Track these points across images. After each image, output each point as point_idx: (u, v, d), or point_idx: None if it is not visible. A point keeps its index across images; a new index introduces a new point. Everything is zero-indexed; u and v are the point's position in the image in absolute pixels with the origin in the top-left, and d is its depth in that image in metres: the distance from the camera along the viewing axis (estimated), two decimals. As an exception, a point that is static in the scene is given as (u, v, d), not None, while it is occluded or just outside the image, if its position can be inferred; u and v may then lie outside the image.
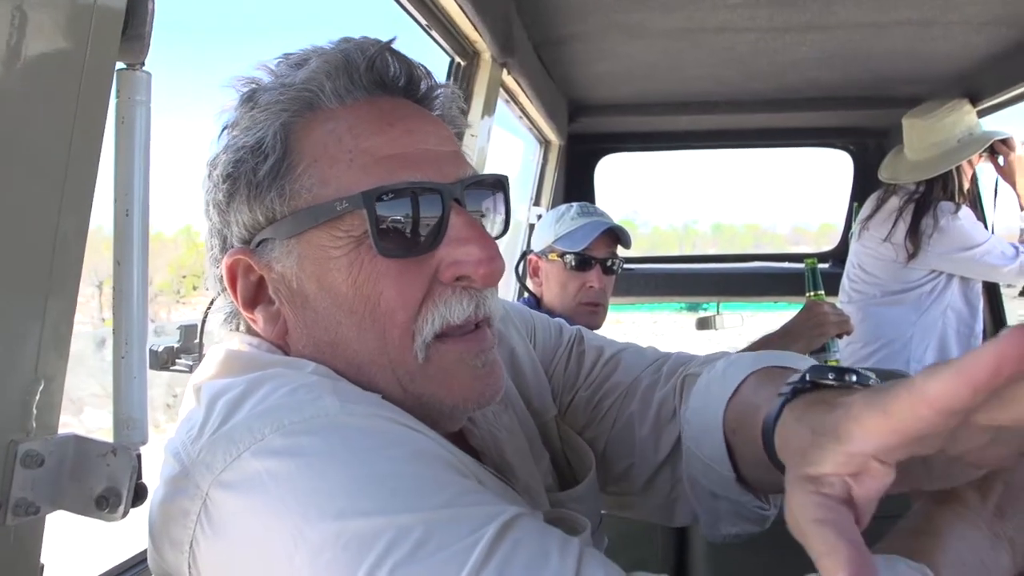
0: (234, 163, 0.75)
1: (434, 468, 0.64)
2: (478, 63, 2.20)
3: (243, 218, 0.76)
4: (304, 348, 0.77)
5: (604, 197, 4.03)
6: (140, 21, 0.80)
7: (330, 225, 0.73)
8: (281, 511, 0.59)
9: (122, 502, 0.81)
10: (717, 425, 0.85)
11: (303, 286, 0.75)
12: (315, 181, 0.74)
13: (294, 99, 0.75)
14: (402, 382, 0.75)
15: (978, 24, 2.36)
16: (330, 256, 0.74)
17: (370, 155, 0.74)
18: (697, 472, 0.90)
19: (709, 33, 2.46)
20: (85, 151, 0.76)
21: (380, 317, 0.74)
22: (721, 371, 0.88)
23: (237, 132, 0.76)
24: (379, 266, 0.73)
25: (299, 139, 0.74)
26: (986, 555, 0.69)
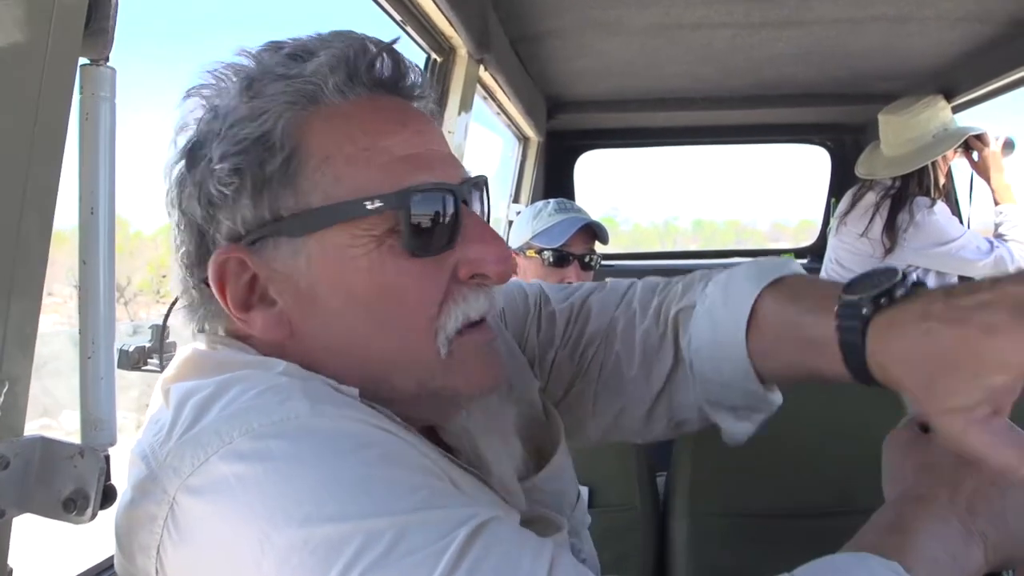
0: (237, 155, 0.71)
1: (405, 471, 0.63)
2: (454, 59, 2.19)
3: (242, 214, 0.72)
4: (312, 350, 0.75)
5: (584, 194, 4.04)
6: (103, 15, 0.79)
7: (351, 224, 0.71)
8: (248, 516, 0.58)
9: (90, 504, 0.79)
10: (740, 349, 0.85)
11: (313, 286, 0.73)
12: (329, 178, 0.72)
13: (299, 91, 0.73)
14: (420, 378, 0.75)
15: (952, 20, 2.38)
16: (348, 255, 0.72)
17: (388, 154, 0.73)
18: (717, 395, 0.91)
19: (686, 29, 2.46)
20: (48, 148, 0.74)
21: (403, 316, 0.73)
22: (722, 297, 0.89)
23: (233, 122, 0.72)
24: (403, 265, 0.73)
25: (309, 134, 0.72)
26: (958, 550, 0.69)
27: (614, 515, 2.06)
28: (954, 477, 0.73)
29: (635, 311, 1.00)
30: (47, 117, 0.74)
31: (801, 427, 2.00)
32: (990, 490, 0.73)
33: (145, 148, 0.91)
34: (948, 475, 0.74)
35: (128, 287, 12.52)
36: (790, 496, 1.98)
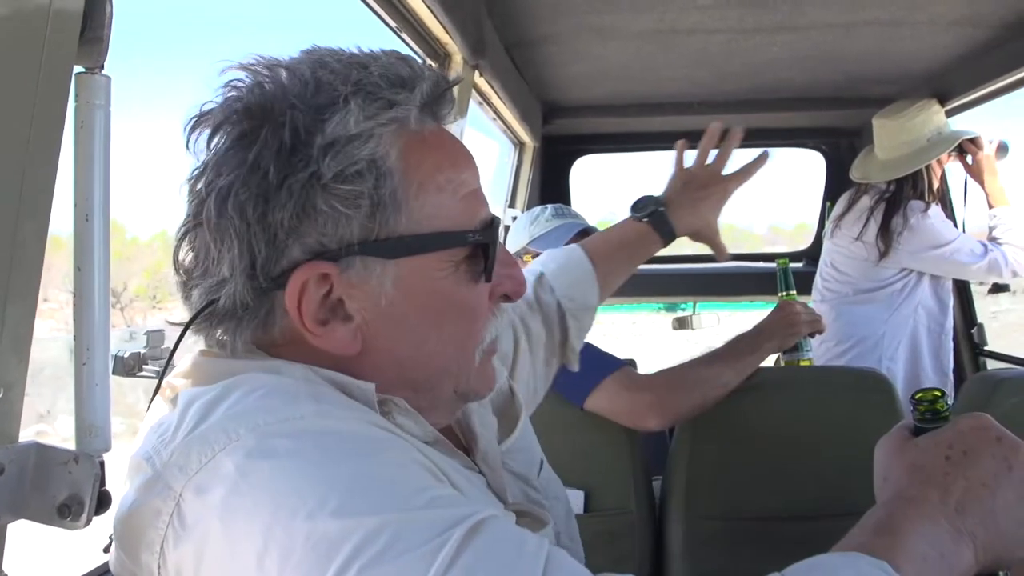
0: (355, 175, 0.71)
1: (406, 471, 0.65)
2: (449, 65, 2.19)
3: (344, 233, 0.72)
4: (381, 363, 0.77)
5: (580, 199, 4.04)
6: (98, 24, 0.79)
7: (446, 251, 0.77)
8: (253, 512, 0.60)
9: (85, 510, 0.80)
10: (592, 279, 1.39)
11: (394, 304, 0.75)
12: (427, 206, 0.75)
13: (400, 118, 0.74)
14: (458, 383, 0.82)
15: (945, 24, 2.39)
16: (433, 278, 0.77)
17: (466, 187, 0.79)
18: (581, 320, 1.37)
19: (681, 35, 2.46)
20: (43, 156, 0.75)
21: (466, 332, 0.81)
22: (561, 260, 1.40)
23: (346, 140, 0.71)
24: (472, 288, 0.80)
25: (411, 162, 0.75)
26: (947, 550, 0.70)
27: (610, 519, 2.06)
28: (944, 479, 0.74)
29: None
30: (42, 124, 0.74)
31: (795, 431, 2.00)
32: (980, 490, 0.73)
33: (141, 155, 0.92)
34: (938, 477, 0.75)
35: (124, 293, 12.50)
36: (785, 499, 1.98)
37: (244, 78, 0.75)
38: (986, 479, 0.74)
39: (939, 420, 0.80)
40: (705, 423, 1.98)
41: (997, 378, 1.91)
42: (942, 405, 0.81)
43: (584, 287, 1.37)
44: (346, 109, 0.71)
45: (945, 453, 0.76)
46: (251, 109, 0.72)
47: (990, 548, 0.73)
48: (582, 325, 1.38)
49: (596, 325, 1.53)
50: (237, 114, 0.73)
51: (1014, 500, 0.74)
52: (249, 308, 0.74)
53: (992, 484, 0.74)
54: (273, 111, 0.71)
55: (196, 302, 0.76)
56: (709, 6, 2.22)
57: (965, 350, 3.42)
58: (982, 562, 0.73)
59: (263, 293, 0.73)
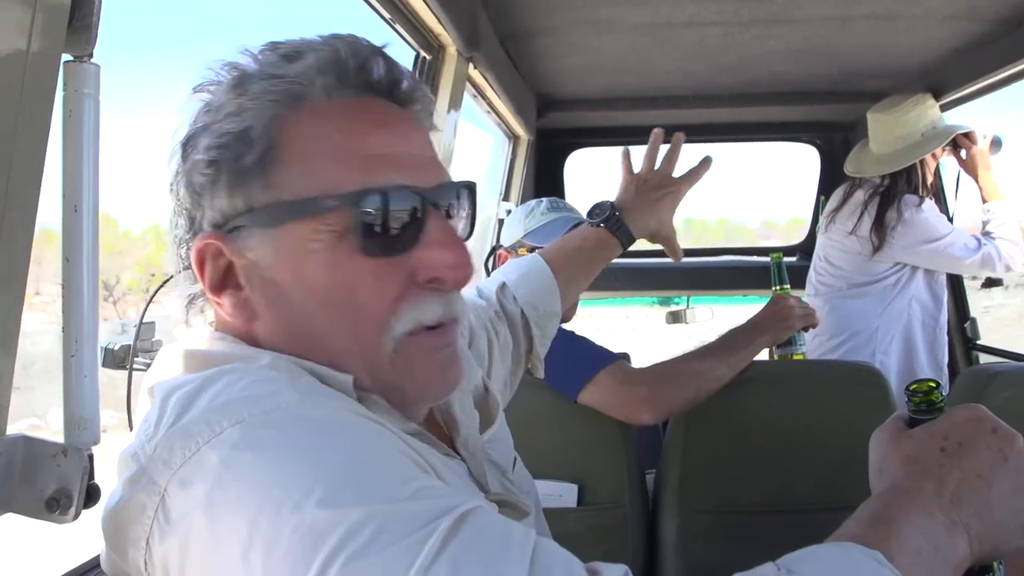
0: (217, 148, 0.74)
1: (392, 462, 0.65)
2: (443, 57, 2.18)
3: (220, 203, 0.75)
4: (274, 336, 0.77)
5: (575, 192, 4.03)
6: (87, 11, 0.78)
7: (313, 219, 0.74)
8: (238, 505, 0.59)
9: (73, 503, 0.79)
10: (554, 286, 1.37)
11: (277, 276, 0.75)
12: (301, 174, 0.74)
13: (285, 91, 0.75)
14: (372, 373, 0.77)
15: (940, 18, 2.38)
16: (309, 249, 0.74)
17: (357, 154, 0.75)
18: (544, 328, 1.36)
19: (676, 27, 2.46)
20: (31, 145, 0.74)
21: (355, 312, 0.75)
22: (523, 270, 1.38)
23: (221, 116, 0.75)
24: (358, 263, 0.74)
25: (287, 131, 0.75)
26: (941, 541, 0.70)
27: (603, 513, 2.06)
28: (940, 470, 0.74)
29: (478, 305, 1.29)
30: (30, 113, 0.74)
31: (789, 425, 2.00)
32: (976, 481, 0.73)
33: (135, 148, 0.91)
34: (934, 468, 0.74)
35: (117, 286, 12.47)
36: (779, 492, 1.98)
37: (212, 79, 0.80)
38: (981, 470, 0.74)
39: (934, 411, 0.80)
40: (699, 417, 1.98)
41: (990, 372, 1.91)
42: (937, 396, 0.81)
43: (546, 295, 1.36)
44: (225, 89, 0.76)
45: (940, 444, 0.76)
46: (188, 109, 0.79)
47: (985, 539, 0.72)
48: (546, 333, 1.38)
49: (589, 319, 1.55)
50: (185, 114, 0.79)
51: (1009, 491, 0.74)
52: (191, 282, 0.80)
53: (988, 475, 0.74)
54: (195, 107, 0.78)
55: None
56: (704, -1, 2.22)
57: (958, 344, 3.43)
58: (977, 553, 0.72)
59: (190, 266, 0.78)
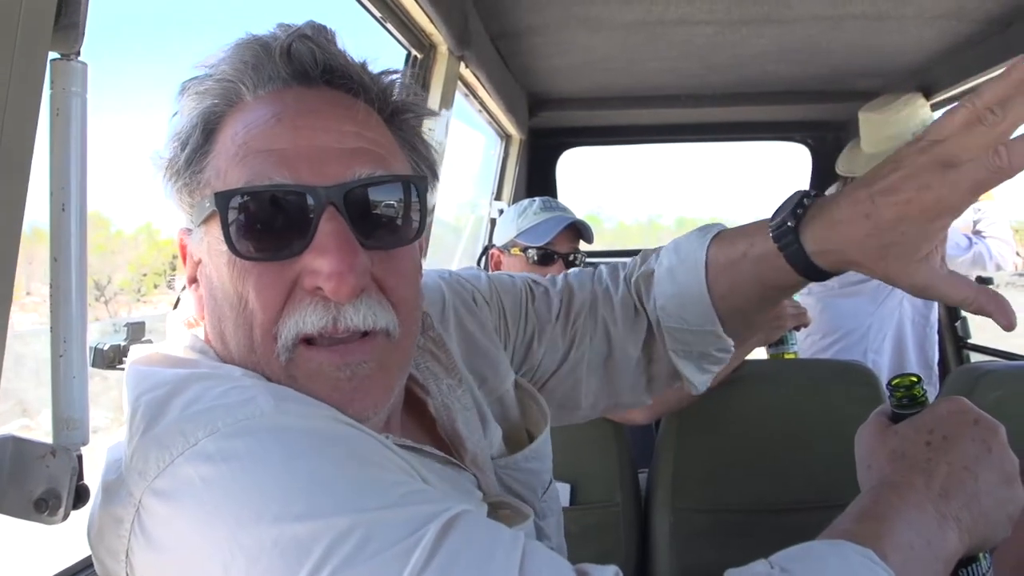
0: (171, 148, 0.77)
1: (374, 467, 0.63)
2: (435, 56, 2.18)
3: (180, 201, 0.78)
4: (211, 332, 0.79)
5: (567, 192, 4.04)
6: (73, 9, 0.78)
7: (215, 219, 0.72)
8: (216, 518, 0.58)
9: (62, 504, 0.79)
10: (703, 296, 0.97)
11: (209, 274, 0.76)
12: (214, 173, 0.74)
13: (215, 88, 0.75)
14: (281, 382, 0.72)
15: (930, 18, 2.39)
16: (219, 250, 0.73)
17: (250, 150, 0.72)
18: (688, 343, 1.03)
19: (668, 26, 2.46)
20: (17, 144, 0.73)
21: (246, 316, 0.72)
22: (677, 259, 1.01)
23: (174, 118, 0.78)
24: (245, 266, 0.71)
25: (217, 130, 0.75)
26: (933, 535, 0.71)
27: (596, 512, 2.06)
28: (927, 464, 0.75)
29: (607, 284, 1.10)
30: (16, 112, 0.73)
31: (781, 424, 2.01)
32: (963, 474, 0.74)
33: (127, 147, 0.92)
34: (921, 462, 0.75)
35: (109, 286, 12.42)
36: (770, 491, 1.98)
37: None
38: (967, 462, 0.75)
39: (916, 405, 0.81)
40: (691, 416, 1.98)
41: (980, 371, 1.92)
42: (919, 391, 0.82)
43: (687, 302, 0.99)
44: (176, 95, 0.78)
45: (926, 439, 0.77)
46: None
47: (974, 531, 0.73)
48: (693, 349, 1.03)
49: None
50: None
51: (995, 481, 0.75)
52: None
53: (974, 467, 0.74)
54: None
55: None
56: (696, -2, 2.22)
57: (949, 343, 3.44)
58: (967, 545, 0.73)
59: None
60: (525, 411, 1.03)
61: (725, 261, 0.96)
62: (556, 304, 1.08)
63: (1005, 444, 0.77)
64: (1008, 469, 0.76)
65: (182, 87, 0.78)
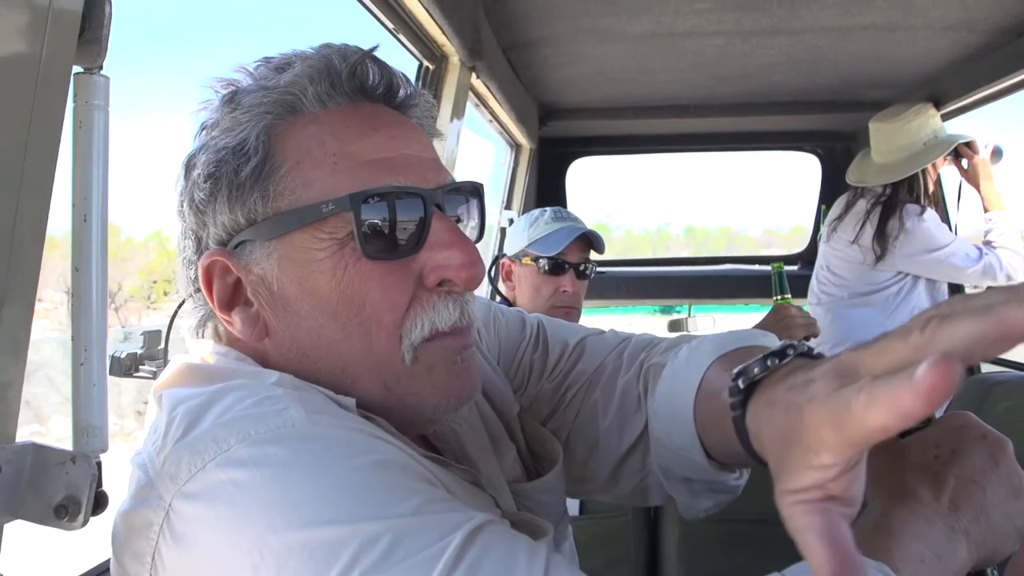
0: (215, 163, 0.74)
1: (401, 476, 0.64)
2: (446, 67, 2.19)
3: (223, 219, 0.75)
4: (286, 351, 0.77)
5: (576, 201, 4.04)
6: (97, 24, 0.79)
7: (314, 227, 0.73)
8: (245, 522, 0.59)
9: (81, 511, 0.79)
10: (688, 417, 0.83)
11: (284, 288, 0.75)
12: (298, 183, 0.74)
13: (276, 102, 0.75)
14: (387, 383, 0.76)
15: (941, 29, 2.40)
16: (313, 258, 0.74)
17: (354, 159, 0.74)
18: (668, 461, 0.90)
19: (678, 37, 2.47)
20: (41, 156, 0.75)
21: (366, 320, 0.74)
22: (684, 360, 0.87)
23: (217, 132, 0.75)
24: (363, 268, 0.73)
25: (282, 141, 0.75)
26: (943, 549, 0.71)
27: (606, 521, 2.06)
28: (935, 477, 0.75)
29: (623, 362, 0.99)
30: (41, 125, 0.74)
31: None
32: (971, 486, 0.74)
33: (136, 155, 0.92)
34: (929, 476, 0.75)
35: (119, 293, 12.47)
36: (781, 502, 1.98)
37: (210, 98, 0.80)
38: (976, 475, 0.74)
39: (923, 421, 0.81)
40: (701, 425, 1.98)
41: (990, 382, 1.92)
42: None
43: (670, 416, 0.87)
44: (219, 105, 0.77)
45: (933, 453, 0.77)
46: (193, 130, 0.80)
47: (983, 544, 0.73)
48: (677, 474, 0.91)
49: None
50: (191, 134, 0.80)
51: (1004, 495, 0.75)
52: (203, 301, 0.80)
53: (982, 480, 0.74)
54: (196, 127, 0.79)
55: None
56: (706, 9, 2.23)
57: (960, 354, 3.43)
58: (975, 559, 0.73)
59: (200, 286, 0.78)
60: (536, 439, 1.00)
61: (714, 387, 0.81)
62: (556, 361, 1.03)
63: (1013, 458, 0.77)
64: (1016, 483, 0.76)
65: (230, 99, 0.76)
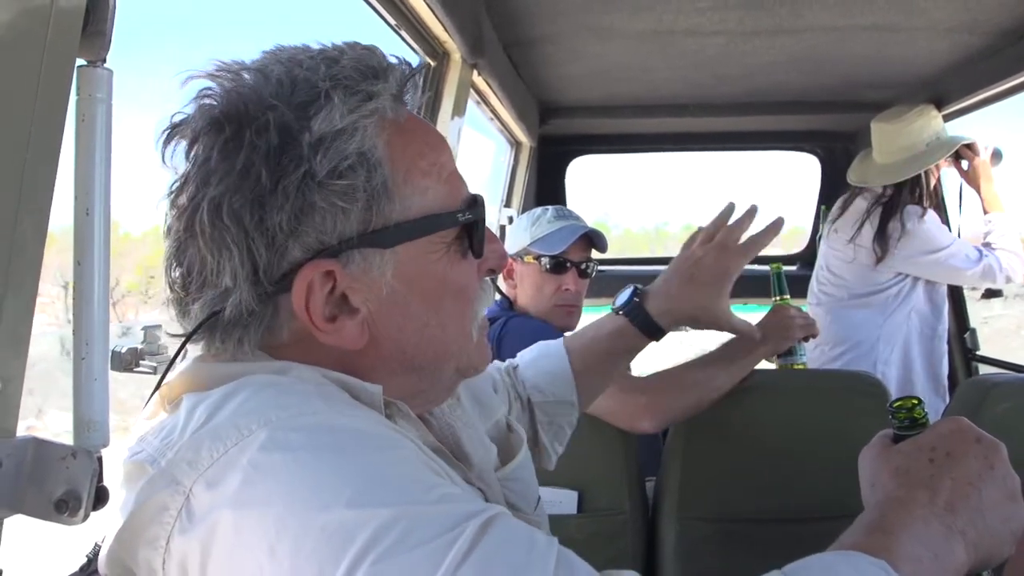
0: (348, 170, 0.72)
1: (416, 467, 0.66)
2: (448, 64, 2.19)
3: (344, 228, 0.73)
4: (386, 351, 0.79)
5: (575, 199, 4.04)
6: (101, 17, 0.79)
7: (433, 234, 0.78)
8: (266, 502, 0.60)
9: (82, 506, 0.80)
10: (567, 372, 1.28)
11: (395, 291, 0.77)
12: (415, 192, 0.77)
13: (377, 108, 0.75)
14: (460, 362, 0.85)
15: (942, 30, 2.40)
16: (429, 261, 0.79)
17: (447, 169, 0.81)
18: (549, 414, 1.28)
19: (679, 36, 2.47)
20: (44, 149, 0.75)
21: (463, 309, 0.83)
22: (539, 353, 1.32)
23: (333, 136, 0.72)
24: (463, 266, 0.81)
25: (390, 149, 0.76)
26: (940, 548, 0.72)
27: (603, 520, 2.06)
28: (931, 480, 0.77)
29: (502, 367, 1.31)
30: (44, 118, 0.74)
31: (789, 434, 2.01)
32: (967, 489, 0.76)
33: (134, 150, 0.91)
34: (925, 478, 0.77)
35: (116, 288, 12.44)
36: (777, 501, 1.98)
37: (213, 86, 0.75)
38: (971, 478, 0.76)
39: (917, 427, 0.84)
40: (699, 425, 1.98)
41: (989, 383, 1.92)
42: (919, 412, 0.84)
43: (555, 379, 1.28)
44: (329, 105, 0.72)
45: (929, 456, 0.79)
46: (230, 114, 0.72)
47: (980, 546, 0.74)
48: (554, 421, 1.29)
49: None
50: (216, 121, 0.72)
51: (999, 498, 0.77)
52: (255, 314, 0.74)
53: (977, 483, 0.76)
54: (252, 114, 0.71)
55: (197, 315, 0.75)
56: (707, 8, 2.22)
57: (958, 355, 3.44)
58: (973, 561, 0.74)
59: (268, 298, 0.73)
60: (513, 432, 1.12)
61: (579, 347, 1.31)
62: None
63: (1007, 461, 0.79)
64: (1011, 486, 0.78)
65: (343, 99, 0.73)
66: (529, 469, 1.08)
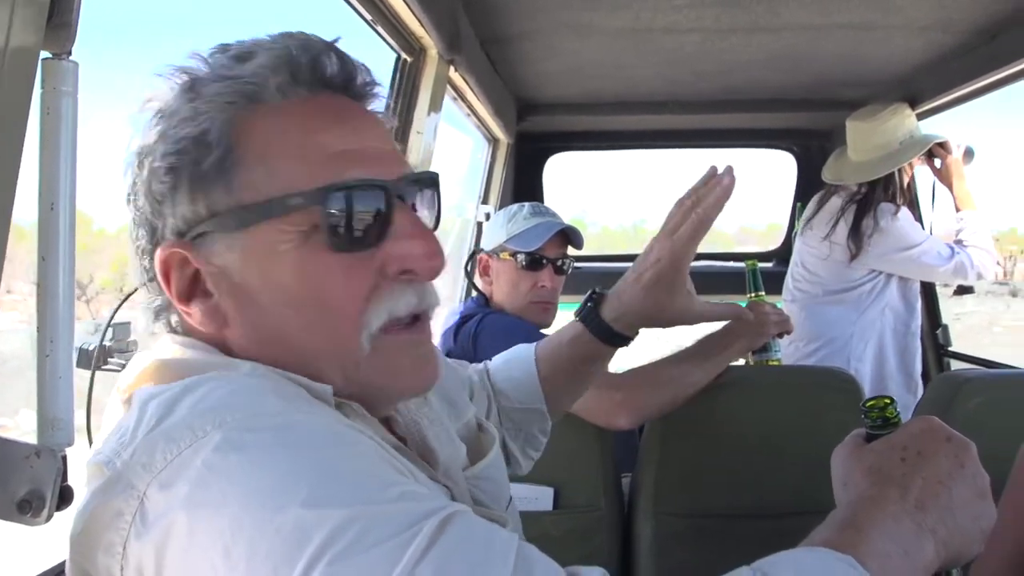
0: (175, 154, 0.73)
1: (375, 465, 0.65)
2: (424, 60, 2.18)
3: (182, 211, 0.74)
4: (247, 342, 0.77)
5: (553, 196, 4.04)
6: (66, 8, 0.78)
7: (279, 220, 0.73)
8: (221, 504, 0.59)
9: (46, 506, 0.78)
10: (533, 379, 1.25)
11: (246, 280, 0.74)
12: (262, 175, 0.73)
13: (239, 92, 0.74)
14: (347, 372, 0.76)
15: (917, 29, 2.41)
16: (277, 251, 0.73)
17: (320, 151, 0.74)
18: (516, 421, 1.25)
19: (656, 33, 2.47)
20: (7, 143, 0.73)
21: (328, 311, 0.75)
22: (511, 357, 1.30)
23: (176, 122, 0.74)
24: (327, 260, 0.74)
25: (245, 132, 0.74)
26: (910, 545, 0.73)
27: (579, 516, 2.06)
28: (903, 478, 0.77)
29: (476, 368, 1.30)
30: (7, 111, 0.73)
31: (764, 430, 2.02)
32: (937, 487, 0.76)
33: (108, 145, 0.90)
34: (896, 476, 0.77)
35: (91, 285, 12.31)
36: (753, 496, 1.99)
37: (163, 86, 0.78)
38: (941, 476, 0.77)
39: (889, 426, 0.84)
40: (674, 421, 1.99)
41: (961, 379, 1.94)
42: (892, 412, 0.85)
43: (520, 386, 1.25)
44: (177, 94, 0.75)
45: (900, 455, 0.79)
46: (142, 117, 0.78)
47: (950, 544, 0.75)
48: (521, 427, 1.26)
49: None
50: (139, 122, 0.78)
51: (969, 496, 0.77)
52: (157, 292, 0.79)
53: (948, 481, 0.77)
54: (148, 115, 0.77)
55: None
56: (685, 5, 2.23)
57: (930, 351, 3.47)
58: (943, 559, 0.75)
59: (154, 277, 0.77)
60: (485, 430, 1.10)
61: (545, 354, 1.27)
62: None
63: (977, 460, 0.80)
64: (980, 484, 0.79)
65: (190, 87, 0.75)
66: (500, 468, 1.07)
